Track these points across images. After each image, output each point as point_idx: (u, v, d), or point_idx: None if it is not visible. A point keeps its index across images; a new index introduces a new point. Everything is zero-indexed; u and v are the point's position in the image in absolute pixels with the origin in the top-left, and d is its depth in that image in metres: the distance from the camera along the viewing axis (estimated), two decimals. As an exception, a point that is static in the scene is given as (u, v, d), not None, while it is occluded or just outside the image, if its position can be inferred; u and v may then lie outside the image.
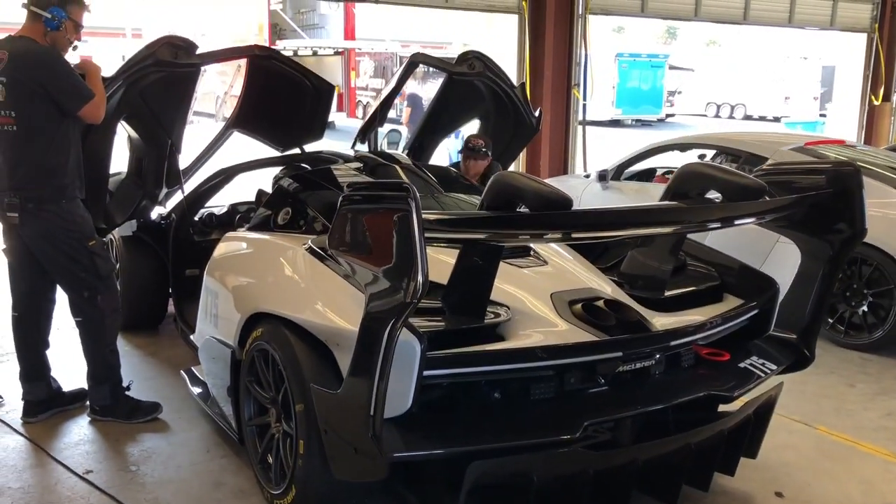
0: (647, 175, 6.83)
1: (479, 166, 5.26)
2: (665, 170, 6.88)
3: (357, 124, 21.75)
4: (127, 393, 4.03)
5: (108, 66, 4.07)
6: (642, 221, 2.85)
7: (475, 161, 5.24)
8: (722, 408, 3.29)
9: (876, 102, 14.39)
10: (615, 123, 27.31)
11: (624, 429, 3.02)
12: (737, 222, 3.06)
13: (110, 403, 3.95)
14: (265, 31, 24.67)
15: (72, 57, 3.75)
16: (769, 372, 3.22)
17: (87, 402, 4.03)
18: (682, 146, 6.64)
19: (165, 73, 4.21)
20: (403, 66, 5.17)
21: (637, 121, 28.57)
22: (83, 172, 3.83)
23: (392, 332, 2.26)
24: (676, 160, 6.66)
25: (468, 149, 5.27)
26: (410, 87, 15.05)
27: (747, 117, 32.23)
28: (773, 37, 29.65)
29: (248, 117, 5.14)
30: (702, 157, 6.54)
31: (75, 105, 3.63)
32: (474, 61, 5.13)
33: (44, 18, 3.61)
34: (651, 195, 6.21)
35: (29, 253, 3.80)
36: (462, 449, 2.56)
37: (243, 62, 5.20)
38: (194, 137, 5.42)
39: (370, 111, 5.35)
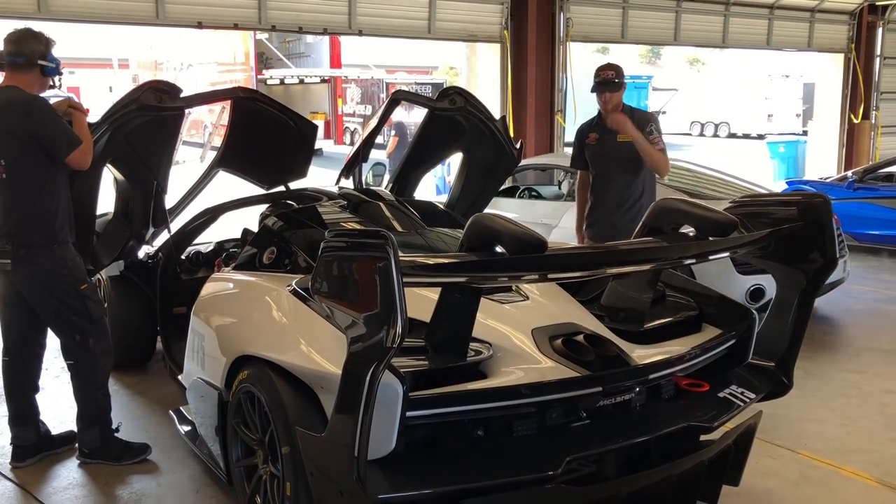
0: (510, 192, 7.75)
1: (614, 98, 4.96)
2: (525, 187, 7.94)
3: (344, 150, 21.86)
4: (116, 435, 4.05)
5: (96, 96, 4.16)
6: (617, 261, 2.92)
7: (608, 94, 4.95)
8: (703, 437, 3.34)
9: (855, 121, 14.61)
10: (601, 144, 27.44)
11: (607, 462, 3.05)
12: (712, 257, 3.13)
13: (100, 446, 3.97)
14: (251, 60, 24.78)
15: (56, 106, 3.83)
16: (748, 400, 3.28)
17: (76, 445, 4.04)
18: (541, 167, 8.19)
19: (150, 117, 4.27)
20: (385, 103, 5.25)
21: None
22: (72, 216, 3.89)
23: (374, 376, 2.31)
24: (535, 179, 8.37)
25: (598, 83, 4.98)
26: (398, 114, 15.17)
27: (731, 135, 32.55)
28: (756, 55, 30.00)
29: (233, 157, 5.20)
30: (561, 180, 7.91)
31: (64, 152, 3.70)
32: (455, 96, 5.21)
33: (46, 67, 3.75)
34: (502, 208, 6.93)
35: (19, 298, 3.84)
36: (447, 488, 2.59)
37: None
38: (180, 177, 5.48)
39: (354, 148, 5.43)
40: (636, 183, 5.00)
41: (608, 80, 4.95)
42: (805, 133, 19.63)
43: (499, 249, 2.71)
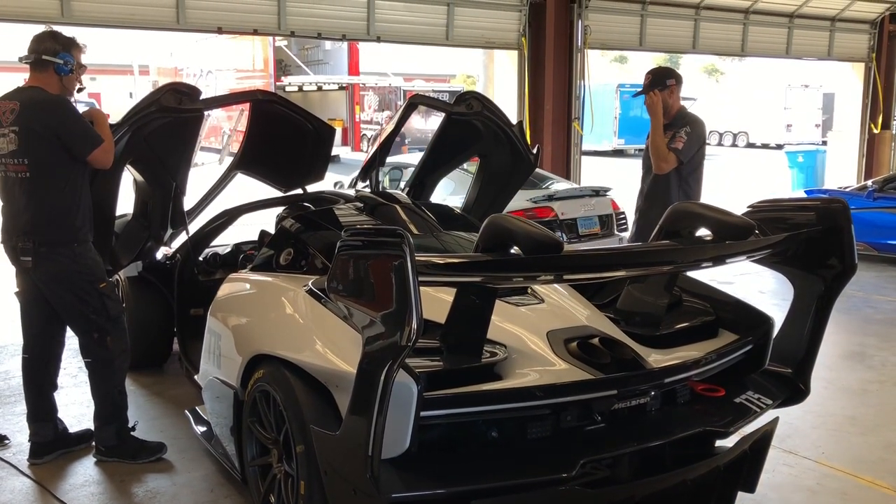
0: None
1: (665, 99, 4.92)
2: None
3: (361, 157, 21.94)
4: (132, 433, 4.07)
5: (116, 102, 4.19)
6: (633, 262, 2.91)
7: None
8: (719, 443, 3.32)
9: (875, 131, 14.49)
10: (618, 153, 27.51)
11: (621, 465, 3.04)
12: (728, 261, 3.11)
13: (116, 444, 3.99)
14: (270, 67, 24.94)
15: (79, 108, 3.87)
16: (765, 406, 3.25)
17: (93, 443, 4.07)
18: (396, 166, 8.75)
19: (170, 119, 4.31)
20: (402, 107, 5.27)
21: (640, 150, 28.65)
22: (92, 216, 3.93)
23: (388, 374, 2.32)
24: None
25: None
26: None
27: (750, 145, 32.38)
28: (775, 65, 29.87)
29: (251, 159, 5.24)
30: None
31: (86, 150, 3.74)
32: (472, 101, 5.22)
33: (56, 65, 3.77)
34: None
35: (40, 296, 3.89)
36: (460, 489, 2.59)
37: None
38: (199, 179, 5.52)
39: (371, 152, 5.45)
40: (671, 186, 4.94)
41: (644, 84, 5.04)
42: (824, 143, 19.51)
43: (514, 250, 2.71)
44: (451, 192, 7.33)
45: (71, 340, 4.12)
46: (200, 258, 5.24)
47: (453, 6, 10.03)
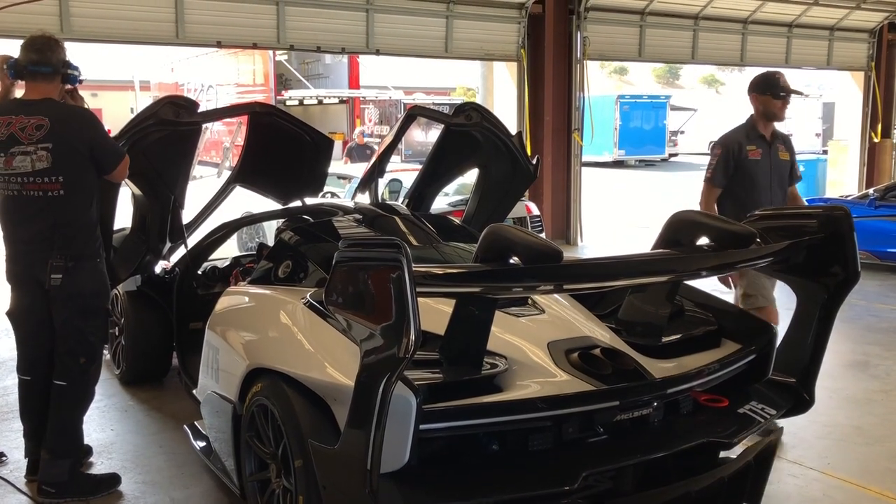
0: None
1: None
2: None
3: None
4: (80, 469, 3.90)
5: (118, 118, 4.18)
6: (634, 272, 2.88)
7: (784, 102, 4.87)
8: (723, 454, 3.28)
9: (876, 139, 14.48)
10: (618, 164, 27.54)
11: (624, 477, 3.00)
12: (730, 269, 3.09)
13: (67, 481, 3.74)
14: (271, 81, 25.01)
15: None
16: (769, 416, 3.22)
17: (39, 482, 3.76)
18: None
19: (168, 132, 4.30)
20: (401, 119, 5.27)
21: (641, 161, 28.76)
22: None
23: (386, 387, 2.29)
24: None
25: (784, 89, 4.90)
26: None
27: (750, 155, 32.36)
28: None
29: (249, 172, 5.22)
30: None
31: (113, 163, 3.73)
32: (471, 112, 5.21)
33: (71, 75, 3.75)
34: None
35: (46, 317, 3.75)
36: (461, 503, 2.56)
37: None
38: (197, 192, 5.50)
39: (370, 163, 5.44)
40: (784, 202, 4.83)
41: (790, 87, 4.81)
42: (825, 152, 19.50)
43: (514, 260, 2.69)
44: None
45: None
46: (199, 272, 5.21)
47: (452, 18, 10.06)
